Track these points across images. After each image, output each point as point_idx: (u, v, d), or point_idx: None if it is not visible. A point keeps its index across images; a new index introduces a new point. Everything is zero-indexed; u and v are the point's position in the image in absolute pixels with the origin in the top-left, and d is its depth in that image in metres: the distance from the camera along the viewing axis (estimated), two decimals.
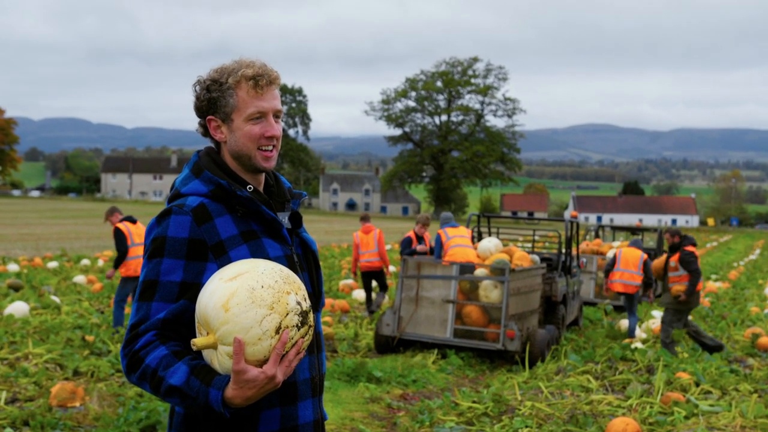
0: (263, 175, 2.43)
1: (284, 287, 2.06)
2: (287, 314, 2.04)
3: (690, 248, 10.82)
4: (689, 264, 10.68)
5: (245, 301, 2.01)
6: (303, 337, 2.09)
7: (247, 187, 2.34)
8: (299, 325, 2.06)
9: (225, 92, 2.30)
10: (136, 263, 10.35)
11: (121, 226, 10.51)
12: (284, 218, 2.43)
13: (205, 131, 2.40)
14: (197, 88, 2.36)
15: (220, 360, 2.07)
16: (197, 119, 2.40)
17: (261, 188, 2.43)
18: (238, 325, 2.00)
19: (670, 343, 10.65)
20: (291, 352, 2.06)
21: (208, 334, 2.06)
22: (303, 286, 2.14)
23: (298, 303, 2.07)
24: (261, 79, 2.31)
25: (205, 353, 2.12)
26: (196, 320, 2.13)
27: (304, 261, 2.43)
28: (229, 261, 2.22)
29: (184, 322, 2.20)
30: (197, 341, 2.04)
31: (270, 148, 2.34)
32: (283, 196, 2.46)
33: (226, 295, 2.03)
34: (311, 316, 2.12)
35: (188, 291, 2.19)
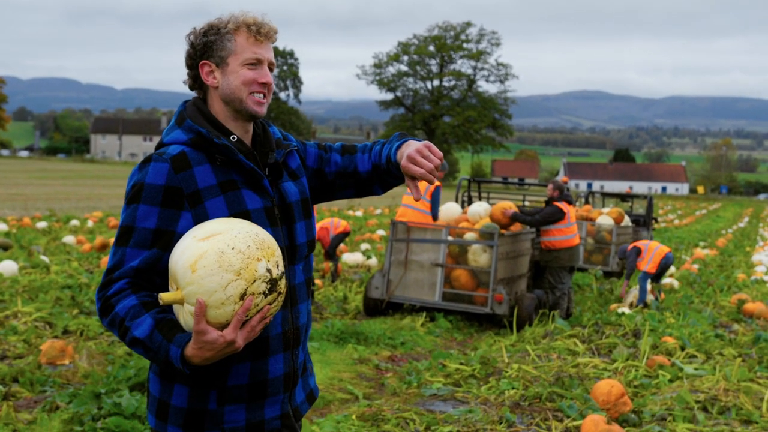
0: (251, 124, 2.41)
1: (255, 253, 2.05)
2: (254, 281, 2.03)
3: (559, 204, 11.01)
4: (543, 211, 10.98)
5: (212, 265, 2.01)
6: (270, 304, 2.09)
7: (231, 136, 2.34)
8: (266, 292, 2.06)
9: (223, 36, 2.31)
10: None
11: None
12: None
13: (194, 83, 2.40)
14: (191, 37, 2.36)
15: (185, 317, 2.09)
16: (186, 70, 2.39)
17: (249, 138, 2.41)
18: (202, 287, 2.01)
19: (555, 304, 11.02)
20: (254, 319, 2.06)
21: (177, 289, 2.07)
22: (278, 251, 2.13)
23: (268, 270, 2.06)
24: (262, 28, 2.33)
25: (174, 307, 2.13)
26: (168, 272, 2.14)
27: (286, 213, 2.41)
28: (205, 211, 2.23)
29: (157, 272, 2.22)
30: (164, 296, 2.05)
31: (262, 94, 2.35)
32: (269, 146, 2.44)
33: (195, 256, 2.03)
34: (282, 283, 2.10)
35: (161, 238, 2.21)
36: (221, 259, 2.01)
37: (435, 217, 10.97)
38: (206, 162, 2.29)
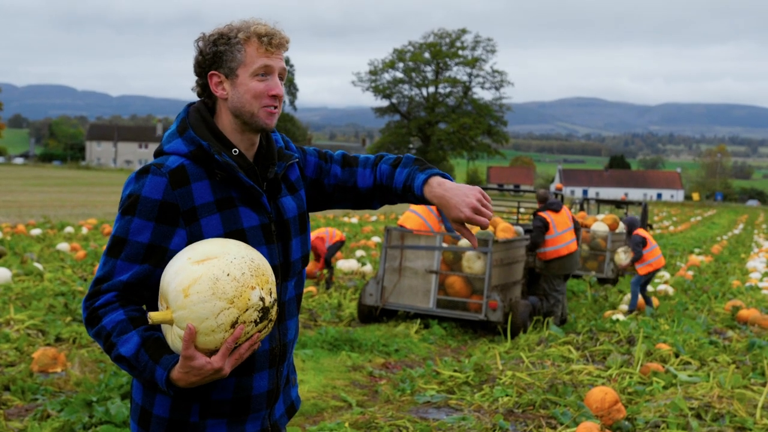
0: (257, 137, 2.35)
1: (250, 281, 2.01)
2: (246, 310, 2.00)
3: (543, 214, 11.09)
4: (533, 226, 11.17)
5: (206, 291, 1.98)
6: (260, 332, 2.07)
7: (233, 150, 2.28)
8: (257, 320, 2.03)
9: (233, 47, 2.24)
10: None
11: None
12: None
13: (202, 91, 2.33)
14: (200, 43, 2.29)
15: (172, 339, 2.06)
16: (195, 78, 2.33)
17: (254, 151, 2.36)
18: (194, 313, 1.98)
19: (550, 312, 11.08)
20: (243, 346, 2.05)
21: (167, 308, 2.05)
22: (272, 278, 2.10)
23: (261, 299, 2.02)
24: (273, 38, 2.25)
25: (163, 326, 2.10)
26: (159, 290, 2.11)
27: (282, 229, 2.36)
28: (200, 228, 2.20)
29: (147, 286, 2.19)
30: (153, 315, 2.02)
31: (274, 106, 2.28)
32: (271, 159, 2.38)
33: (189, 280, 1.99)
34: (273, 311, 2.08)
35: (154, 254, 2.17)
36: (215, 286, 1.98)
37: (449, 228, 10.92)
38: (205, 177, 2.24)
